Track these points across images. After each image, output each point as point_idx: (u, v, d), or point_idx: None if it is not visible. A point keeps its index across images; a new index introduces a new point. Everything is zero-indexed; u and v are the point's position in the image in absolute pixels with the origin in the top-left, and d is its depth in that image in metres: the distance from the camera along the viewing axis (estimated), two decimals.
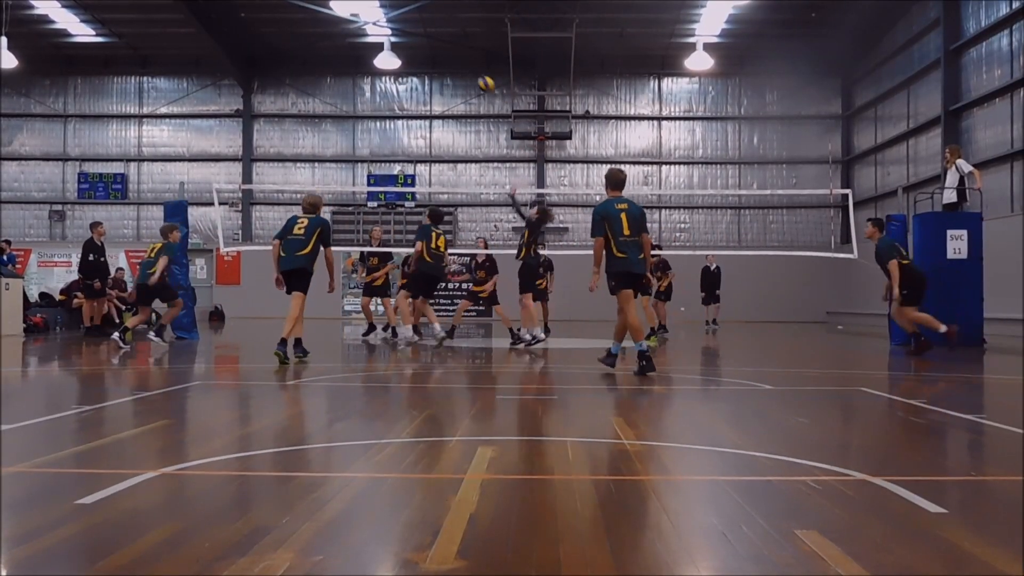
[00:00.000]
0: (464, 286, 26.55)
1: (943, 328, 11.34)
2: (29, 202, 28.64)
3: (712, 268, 20.78)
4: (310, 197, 10.32)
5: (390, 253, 15.15)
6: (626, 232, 8.30)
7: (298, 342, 9.81)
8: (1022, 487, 3.61)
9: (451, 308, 26.40)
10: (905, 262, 11.63)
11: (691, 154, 28.26)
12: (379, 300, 15.09)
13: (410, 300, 12.96)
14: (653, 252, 14.17)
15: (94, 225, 15.99)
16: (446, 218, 27.66)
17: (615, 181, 8.64)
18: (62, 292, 18.59)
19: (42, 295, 19.70)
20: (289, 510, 3.06)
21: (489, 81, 14.49)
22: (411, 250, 13.00)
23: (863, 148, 26.80)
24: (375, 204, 27.99)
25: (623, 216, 8.32)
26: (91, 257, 15.48)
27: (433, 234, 12.29)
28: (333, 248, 9.94)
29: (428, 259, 12.18)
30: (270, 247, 10.03)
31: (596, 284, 8.50)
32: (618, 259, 8.36)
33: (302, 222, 9.76)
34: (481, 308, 16.44)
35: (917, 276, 11.71)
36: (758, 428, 5.46)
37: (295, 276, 9.68)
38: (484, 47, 26.42)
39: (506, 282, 13.99)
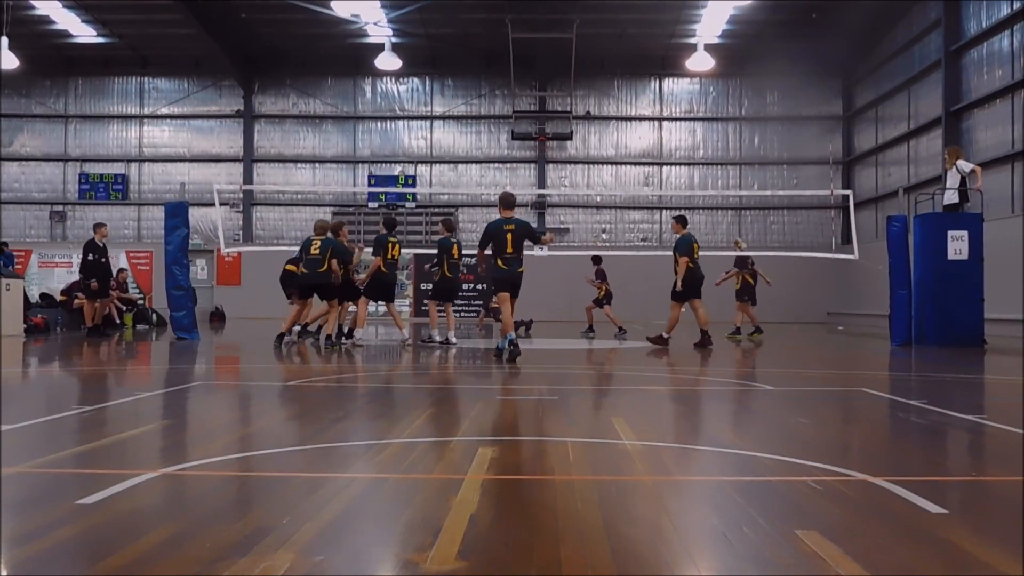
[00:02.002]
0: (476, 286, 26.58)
1: (666, 335, 12.88)
2: (30, 203, 28.67)
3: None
4: (321, 221, 12.89)
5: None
6: (509, 250, 9.90)
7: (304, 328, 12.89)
8: (1022, 488, 3.61)
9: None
10: (691, 265, 12.86)
11: (692, 155, 28.26)
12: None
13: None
14: (741, 253, 14.99)
15: (97, 226, 15.84)
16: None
17: (505, 203, 10.16)
18: (63, 293, 18.59)
19: (43, 296, 19.71)
20: (290, 510, 3.06)
21: None
22: (430, 251, 13.58)
23: (864, 149, 26.80)
24: (376, 205, 28.00)
25: (508, 236, 9.86)
26: (91, 257, 15.35)
27: (389, 244, 12.68)
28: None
29: (384, 270, 12.64)
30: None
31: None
32: (502, 269, 10.03)
33: (316, 242, 12.34)
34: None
35: (697, 279, 12.96)
36: (759, 428, 5.46)
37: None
38: (484, 48, 26.43)
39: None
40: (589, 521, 2.95)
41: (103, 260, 15.51)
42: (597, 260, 17.57)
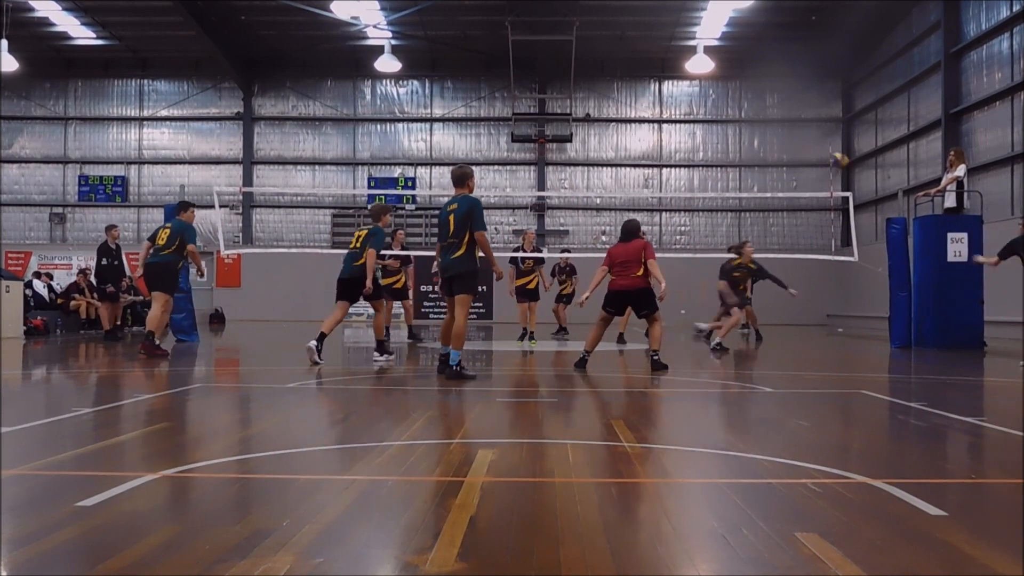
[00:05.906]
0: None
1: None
2: (29, 204, 28.67)
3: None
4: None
5: (409, 256, 14.82)
6: (449, 234, 8.15)
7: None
8: (1022, 490, 3.61)
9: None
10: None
11: (691, 157, 28.28)
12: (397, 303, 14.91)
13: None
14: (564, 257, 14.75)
15: (109, 228, 15.75)
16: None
17: (453, 177, 8.41)
18: (59, 296, 18.57)
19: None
20: (289, 513, 3.06)
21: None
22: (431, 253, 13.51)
23: (863, 151, 26.82)
24: None
25: (450, 218, 8.14)
26: (104, 262, 15.33)
27: None
28: (330, 251, 10.49)
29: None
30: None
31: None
32: (437, 262, 8.49)
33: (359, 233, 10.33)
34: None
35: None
36: (758, 431, 5.46)
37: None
38: (484, 50, 26.45)
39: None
40: (589, 523, 2.95)
41: (116, 263, 15.41)
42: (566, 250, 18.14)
